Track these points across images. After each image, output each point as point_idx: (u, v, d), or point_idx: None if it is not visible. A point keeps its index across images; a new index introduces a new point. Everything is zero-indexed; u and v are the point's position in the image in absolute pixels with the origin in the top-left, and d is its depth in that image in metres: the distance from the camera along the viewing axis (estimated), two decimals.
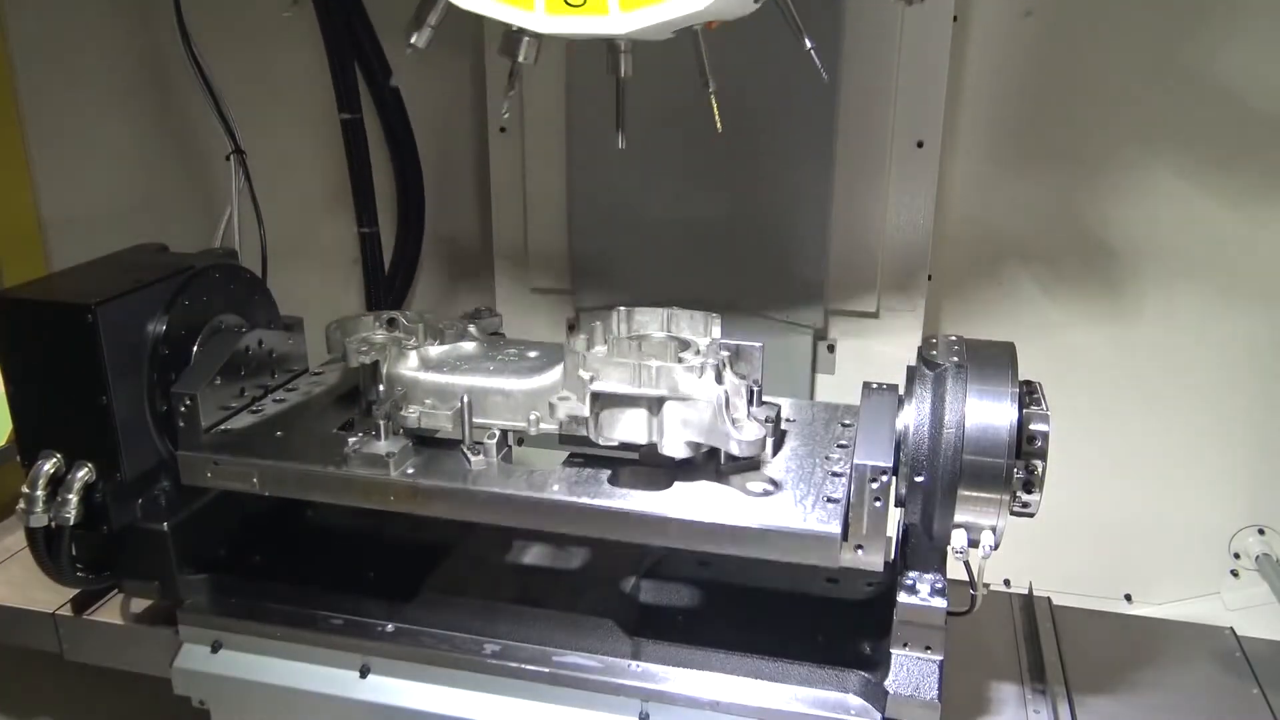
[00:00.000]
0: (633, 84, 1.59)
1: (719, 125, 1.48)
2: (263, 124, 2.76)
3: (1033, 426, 1.45)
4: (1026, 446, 1.46)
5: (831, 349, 2.61)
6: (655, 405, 1.51)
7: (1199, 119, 2.35)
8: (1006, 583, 2.73)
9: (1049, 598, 1.98)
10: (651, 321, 1.71)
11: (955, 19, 2.30)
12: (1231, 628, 1.93)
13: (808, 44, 1.35)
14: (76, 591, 1.93)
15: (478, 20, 1.41)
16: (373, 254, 2.90)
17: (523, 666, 1.66)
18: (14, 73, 2.97)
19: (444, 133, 2.83)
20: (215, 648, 1.80)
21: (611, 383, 1.51)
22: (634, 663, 1.64)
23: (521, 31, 1.42)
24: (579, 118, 2.48)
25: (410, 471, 1.60)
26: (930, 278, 2.51)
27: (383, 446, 1.62)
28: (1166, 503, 2.61)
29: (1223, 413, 2.52)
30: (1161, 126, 2.36)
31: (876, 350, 2.58)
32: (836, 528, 1.43)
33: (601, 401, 1.53)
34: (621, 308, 1.72)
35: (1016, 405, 1.45)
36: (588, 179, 2.52)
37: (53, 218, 3.12)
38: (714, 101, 1.42)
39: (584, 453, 1.65)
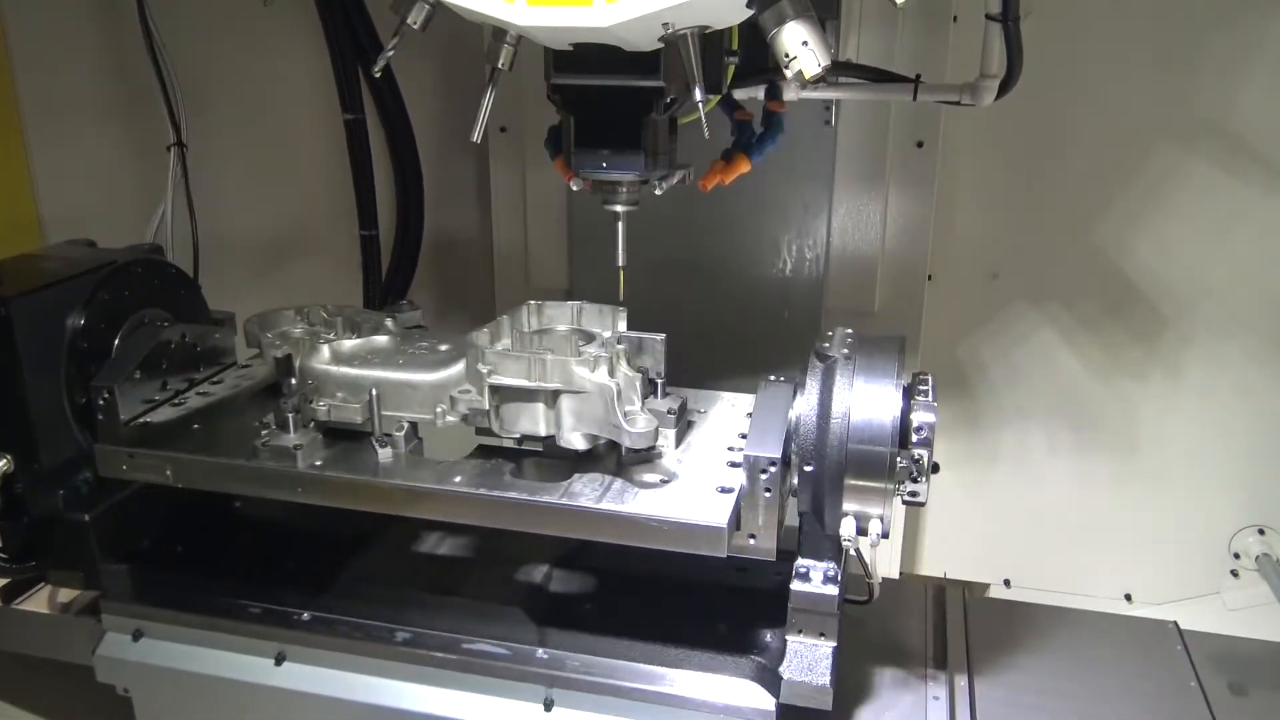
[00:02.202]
0: None
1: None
2: (264, 124, 2.75)
3: (917, 417, 1.48)
4: (912, 437, 1.49)
5: None
6: (551, 398, 1.54)
7: (1194, 121, 2.33)
8: (1006, 583, 2.75)
9: (964, 587, 2.01)
10: (560, 316, 1.74)
11: (955, 19, 2.27)
12: (1175, 621, 1.94)
13: (697, 95, 1.36)
14: (5, 581, 1.96)
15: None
16: (372, 257, 2.88)
17: (432, 654, 1.69)
18: (15, 73, 2.99)
19: (444, 132, 2.81)
20: (136, 636, 1.83)
21: (508, 376, 1.54)
22: (540, 650, 1.67)
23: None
24: None
25: (318, 464, 1.63)
26: (930, 278, 2.51)
27: (291, 439, 1.65)
28: (1166, 503, 2.61)
29: (1223, 413, 2.51)
30: (1162, 126, 2.35)
31: None
32: (724, 518, 1.46)
33: (500, 395, 1.56)
34: (532, 302, 1.75)
35: (901, 396, 1.48)
36: None
37: (53, 217, 3.14)
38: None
39: (493, 445, 1.69)
